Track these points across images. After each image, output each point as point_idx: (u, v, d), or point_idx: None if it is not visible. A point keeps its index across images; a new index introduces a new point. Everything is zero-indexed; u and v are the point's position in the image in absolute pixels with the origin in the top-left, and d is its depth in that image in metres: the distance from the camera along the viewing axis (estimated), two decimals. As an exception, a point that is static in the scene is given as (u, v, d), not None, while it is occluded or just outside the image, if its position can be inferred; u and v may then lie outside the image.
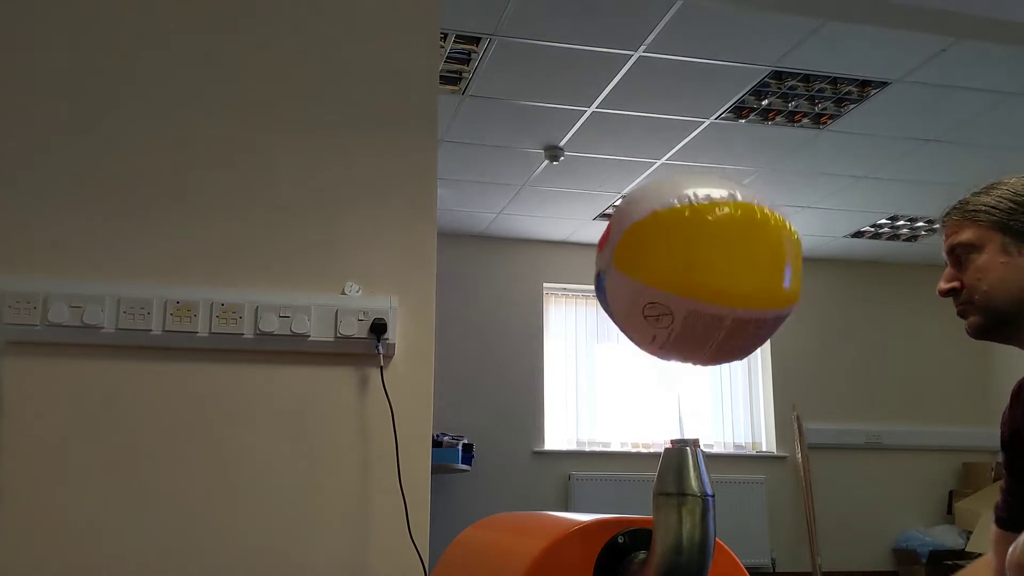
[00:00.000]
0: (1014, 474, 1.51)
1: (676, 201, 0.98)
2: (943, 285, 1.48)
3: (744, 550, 6.37)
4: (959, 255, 1.46)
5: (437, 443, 5.48)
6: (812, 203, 5.83)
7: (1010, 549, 1.09)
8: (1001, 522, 1.51)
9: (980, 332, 1.46)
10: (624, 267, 1.01)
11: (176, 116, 1.97)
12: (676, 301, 0.97)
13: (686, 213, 0.98)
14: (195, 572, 1.81)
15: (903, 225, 6.27)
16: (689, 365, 1.04)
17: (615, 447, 6.52)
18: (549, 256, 6.75)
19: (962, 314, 1.48)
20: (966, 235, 1.45)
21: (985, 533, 6.16)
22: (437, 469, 5.57)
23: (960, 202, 1.48)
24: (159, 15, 2.01)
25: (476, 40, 3.77)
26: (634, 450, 6.54)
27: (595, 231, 6.46)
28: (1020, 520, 1.47)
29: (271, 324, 1.89)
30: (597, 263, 1.05)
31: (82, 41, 1.97)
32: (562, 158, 5.05)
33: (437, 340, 2.06)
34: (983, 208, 1.43)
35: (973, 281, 1.44)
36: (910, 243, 6.66)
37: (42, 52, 1.94)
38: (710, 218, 0.98)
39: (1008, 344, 1.48)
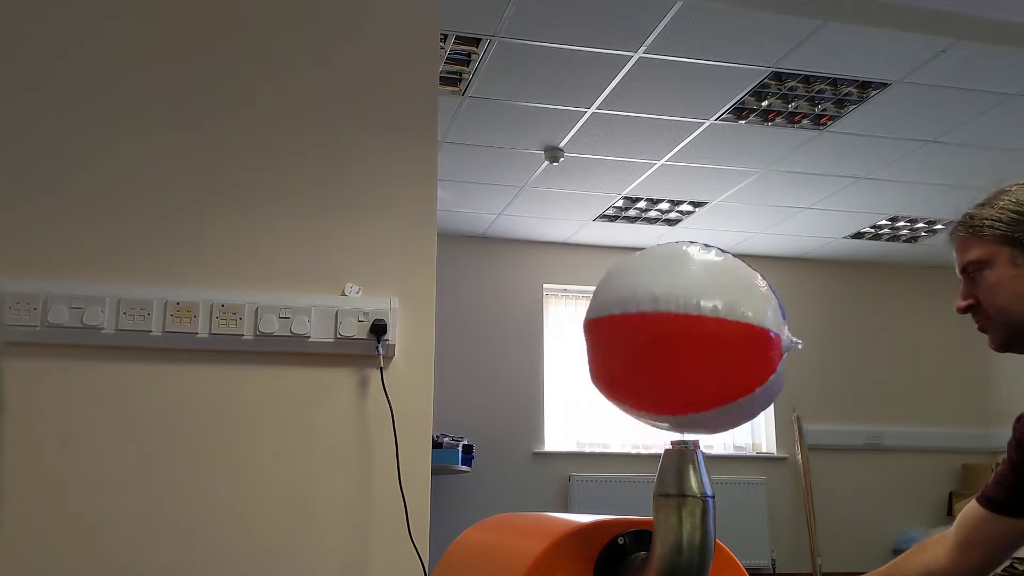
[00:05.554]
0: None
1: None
2: (960, 303, 1.50)
3: (744, 551, 6.36)
4: (971, 273, 1.48)
5: (437, 444, 5.48)
6: (812, 204, 5.83)
7: None
8: (997, 506, 1.51)
9: (1003, 346, 1.49)
10: None
11: (175, 117, 1.97)
12: None
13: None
14: (195, 572, 1.81)
15: (903, 226, 6.27)
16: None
17: (615, 448, 6.51)
18: (549, 257, 6.75)
19: (982, 329, 1.50)
20: (974, 253, 1.46)
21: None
22: (437, 470, 5.57)
23: (965, 216, 1.49)
24: (158, 17, 2.01)
25: (476, 41, 3.77)
26: (634, 451, 6.53)
27: (595, 232, 6.46)
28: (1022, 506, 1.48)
29: (271, 325, 1.89)
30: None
31: (81, 42, 1.97)
32: (562, 159, 5.05)
33: (437, 341, 2.06)
34: (987, 222, 1.44)
35: (987, 297, 1.46)
36: (910, 244, 6.66)
37: (43, 53, 1.95)
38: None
39: None
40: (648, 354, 0.96)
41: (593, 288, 1.04)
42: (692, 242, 1.01)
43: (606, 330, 1.00)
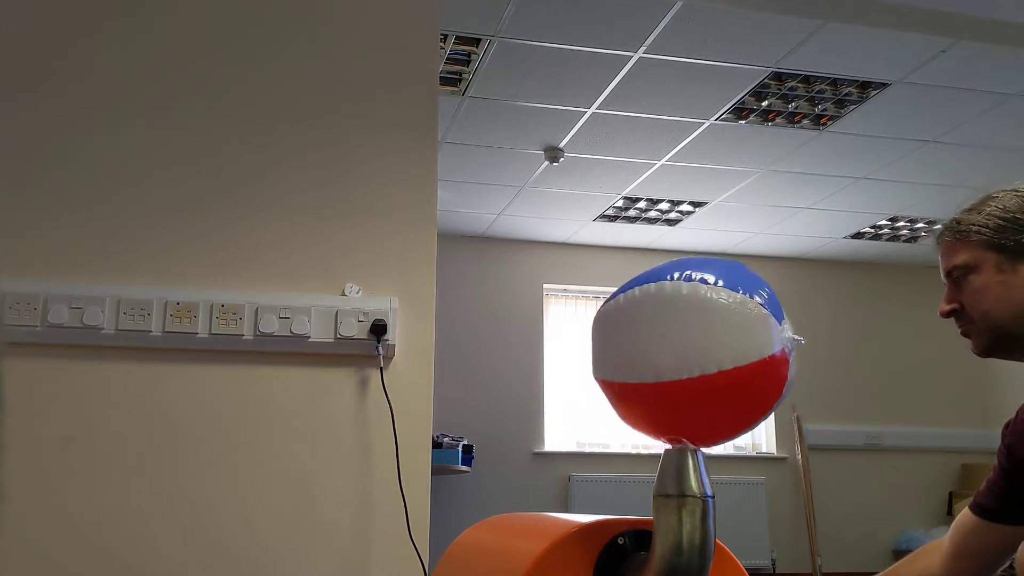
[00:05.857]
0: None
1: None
2: (944, 307, 1.50)
3: (744, 551, 6.36)
4: (956, 277, 1.48)
5: (437, 444, 5.48)
6: (812, 204, 5.83)
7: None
8: (990, 514, 1.51)
9: (985, 351, 1.49)
10: None
11: (175, 117, 1.97)
12: None
13: None
14: (195, 573, 1.81)
15: (903, 226, 6.27)
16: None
17: (615, 448, 6.51)
18: (549, 257, 6.75)
19: (965, 334, 1.50)
20: (960, 257, 1.46)
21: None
22: (437, 470, 5.57)
23: (952, 220, 1.50)
24: (157, 17, 2.01)
25: (476, 41, 3.77)
26: (634, 451, 6.53)
27: (595, 232, 6.46)
28: (1015, 513, 1.48)
29: (271, 325, 1.89)
30: None
31: (80, 42, 1.97)
32: (562, 159, 5.05)
33: (437, 341, 2.06)
34: (974, 228, 1.45)
35: (972, 302, 1.46)
36: (910, 244, 6.66)
37: (43, 53, 1.95)
38: None
39: (1013, 360, 1.49)
40: (662, 414, 0.99)
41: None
42: (672, 277, 0.99)
43: (617, 392, 1.03)
